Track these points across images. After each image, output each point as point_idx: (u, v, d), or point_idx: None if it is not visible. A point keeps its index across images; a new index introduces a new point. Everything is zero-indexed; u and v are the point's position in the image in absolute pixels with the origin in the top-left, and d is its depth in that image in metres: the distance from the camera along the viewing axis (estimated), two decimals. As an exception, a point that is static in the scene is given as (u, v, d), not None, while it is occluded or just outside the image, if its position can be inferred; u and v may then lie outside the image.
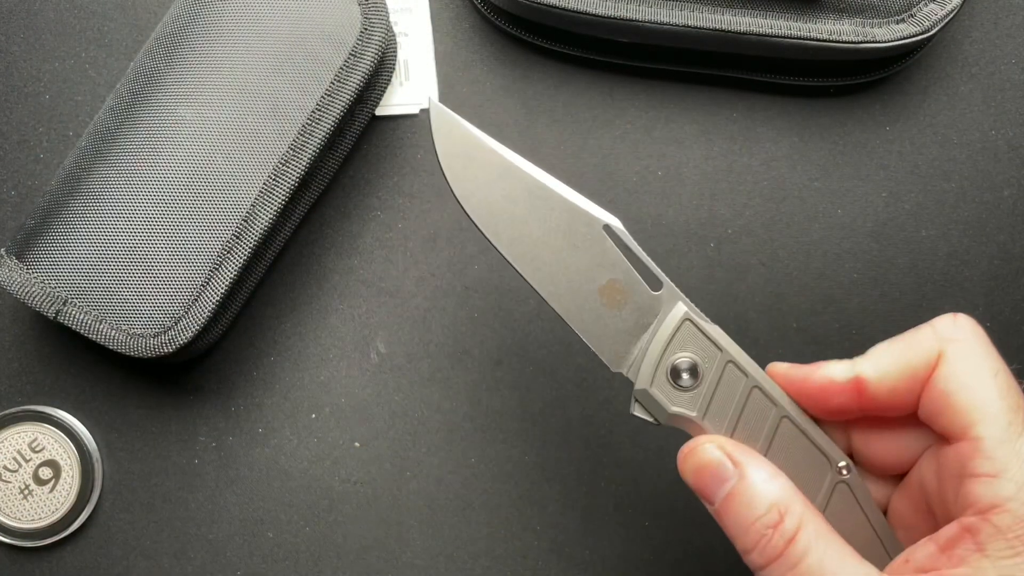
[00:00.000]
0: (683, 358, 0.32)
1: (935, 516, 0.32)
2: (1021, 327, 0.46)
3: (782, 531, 0.30)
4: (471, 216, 0.33)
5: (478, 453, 0.45)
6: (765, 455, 0.32)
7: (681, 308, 0.33)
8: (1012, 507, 0.28)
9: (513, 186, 0.33)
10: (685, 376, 0.32)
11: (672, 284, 0.33)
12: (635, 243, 0.33)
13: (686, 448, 0.32)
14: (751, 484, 0.31)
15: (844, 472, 0.33)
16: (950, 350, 0.30)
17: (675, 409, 0.33)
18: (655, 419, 0.33)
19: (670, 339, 0.33)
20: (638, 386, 0.33)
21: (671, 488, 0.45)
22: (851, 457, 0.34)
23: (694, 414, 0.33)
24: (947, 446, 0.30)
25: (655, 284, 0.33)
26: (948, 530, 0.29)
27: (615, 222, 0.33)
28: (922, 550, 0.29)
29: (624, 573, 0.45)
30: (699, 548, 0.45)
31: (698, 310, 0.33)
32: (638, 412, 0.34)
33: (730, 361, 0.33)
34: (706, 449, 0.32)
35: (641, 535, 0.45)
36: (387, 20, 0.41)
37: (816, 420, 0.33)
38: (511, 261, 0.33)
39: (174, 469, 0.44)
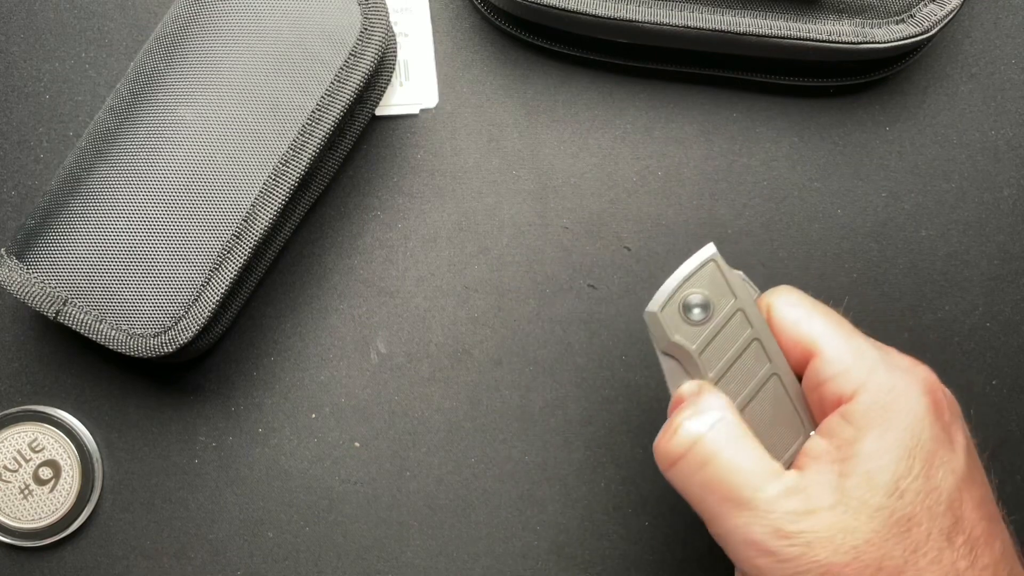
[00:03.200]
0: (697, 294, 0.34)
1: None
2: (1021, 327, 0.46)
3: (687, 428, 0.33)
4: None
5: (478, 453, 0.45)
6: (747, 405, 0.34)
7: (711, 248, 0.34)
8: (870, 386, 0.32)
9: None
10: (696, 311, 0.34)
11: None
12: None
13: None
14: (694, 393, 0.34)
15: None
16: (772, 305, 0.35)
17: (676, 338, 0.34)
18: (655, 341, 0.35)
19: (692, 273, 0.34)
20: (649, 308, 0.34)
21: (671, 488, 0.45)
22: None
23: (692, 347, 0.34)
24: (802, 375, 0.35)
25: None
26: (830, 421, 0.33)
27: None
28: (813, 443, 0.33)
29: (624, 573, 0.45)
30: (699, 548, 0.45)
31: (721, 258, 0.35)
32: (649, 328, 0.35)
33: (740, 309, 0.34)
34: (688, 383, 0.35)
35: (641, 535, 0.45)
36: (387, 20, 0.41)
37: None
38: None
39: (174, 469, 0.44)
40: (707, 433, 0.33)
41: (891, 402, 0.32)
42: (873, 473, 0.31)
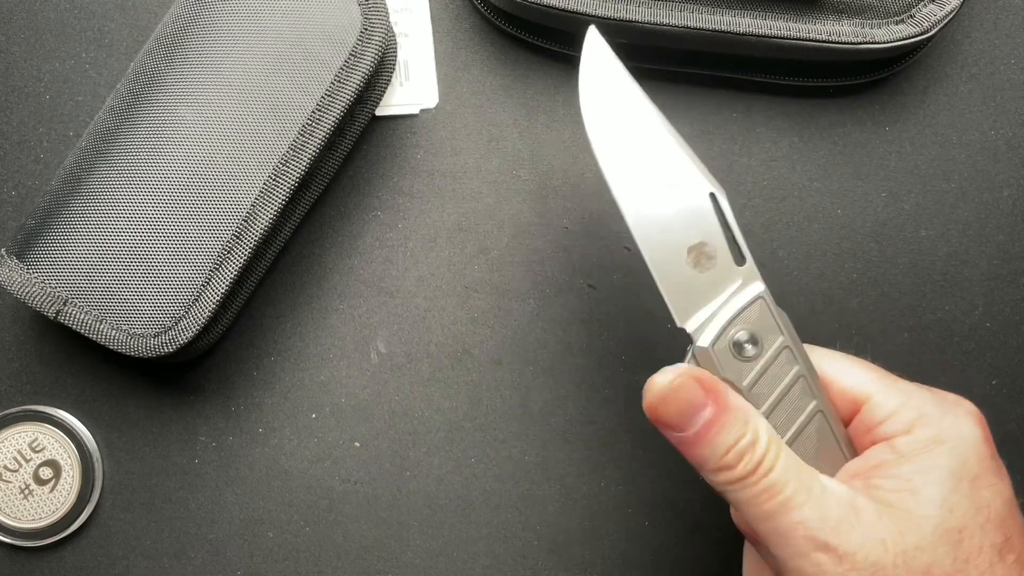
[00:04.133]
0: (747, 332, 0.34)
1: None
2: (1021, 327, 0.46)
3: (757, 452, 0.33)
4: (593, 144, 0.35)
5: (478, 453, 0.45)
6: (794, 441, 0.34)
7: (759, 286, 0.34)
8: (922, 421, 0.33)
9: (641, 130, 0.35)
10: (747, 347, 0.34)
11: (754, 263, 0.35)
12: (733, 217, 0.35)
13: (655, 377, 0.34)
14: (731, 410, 0.33)
15: None
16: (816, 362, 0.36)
17: (726, 374, 0.34)
18: None
19: (741, 311, 0.34)
20: (700, 343, 0.34)
21: (671, 488, 0.45)
22: None
23: (742, 384, 0.34)
24: (848, 424, 0.36)
25: (740, 259, 0.35)
26: (875, 448, 0.34)
27: (720, 193, 0.35)
28: (851, 463, 0.35)
29: (624, 573, 0.45)
30: (699, 548, 0.45)
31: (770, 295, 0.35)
32: (698, 363, 0.35)
33: (787, 347, 0.34)
34: (681, 377, 0.33)
35: (641, 535, 0.45)
36: (387, 20, 0.41)
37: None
38: (617, 197, 0.35)
39: (174, 469, 0.44)
40: (771, 451, 0.33)
41: (941, 431, 0.33)
42: (918, 488, 0.32)
